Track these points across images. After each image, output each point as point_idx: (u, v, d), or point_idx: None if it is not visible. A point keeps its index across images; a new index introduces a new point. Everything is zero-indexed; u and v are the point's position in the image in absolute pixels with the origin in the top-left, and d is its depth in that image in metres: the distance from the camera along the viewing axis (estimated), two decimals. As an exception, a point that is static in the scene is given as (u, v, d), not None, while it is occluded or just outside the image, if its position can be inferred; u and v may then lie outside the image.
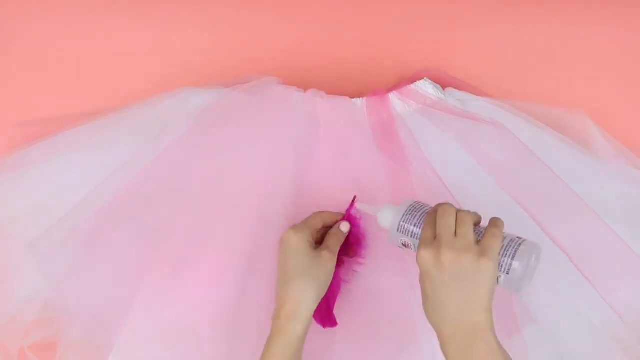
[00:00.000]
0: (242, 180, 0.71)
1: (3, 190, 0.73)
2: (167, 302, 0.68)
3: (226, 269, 0.68)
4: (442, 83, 0.77)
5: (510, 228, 0.70)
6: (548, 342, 0.67)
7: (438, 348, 0.58)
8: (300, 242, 0.61)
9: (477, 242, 0.56)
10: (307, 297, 0.59)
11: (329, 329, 0.65)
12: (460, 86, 0.78)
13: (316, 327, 0.66)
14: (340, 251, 0.67)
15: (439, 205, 0.58)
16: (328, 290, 0.65)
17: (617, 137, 0.77)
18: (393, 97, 0.76)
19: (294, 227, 0.63)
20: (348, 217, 0.68)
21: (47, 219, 0.70)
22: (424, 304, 0.57)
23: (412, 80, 0.76)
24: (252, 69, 0.79)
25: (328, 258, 0.62)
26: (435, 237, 0.56)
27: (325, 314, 0.66)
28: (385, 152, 0.72)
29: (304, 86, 0.76)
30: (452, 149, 0.73)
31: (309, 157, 0.73)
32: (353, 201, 0.68)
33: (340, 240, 0.66)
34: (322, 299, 0.64)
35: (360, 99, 0.76)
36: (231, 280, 0.68)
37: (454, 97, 0.76)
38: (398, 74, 0.80)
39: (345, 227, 0.67)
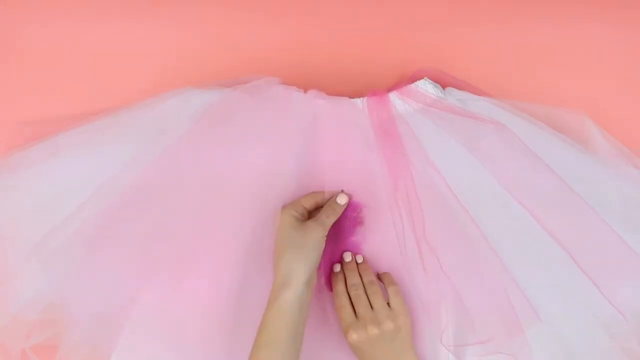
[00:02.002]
0: (243, 180, 0.71)
1: (3, 190, 0.73)
2: (169, 302, 0.68)
3: (227, 268, 0.68)
4: (442, 83, 0.77)
5: (511, 227, 0.71)
6: (550, 342, 0.68)
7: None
8: (286, 217, 0.65)
9: (388, 304, 0.66)
10: (295, 267, 0.62)
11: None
12: (460, 86, 0.77)
13: (316, 324, 0.67)
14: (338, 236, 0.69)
15: (344, 279, 0.68)
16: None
17: (617, 137, 0.76)
18: (393, 97, 0.76)
19: (284, 205, 0.67)
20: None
21: (48, 220, 0.70)
22: None
23: (412, 80, 0.76)
24: (252, 70, 0.79)
25: (313, 228, 0.65)
26: (355, 315, 0.65)
27: None
28: (386, 151, 0.72)
29: (304, 86, 0.76)
30: (453, 148, 0.73)
31: (309, 158, 0.73)
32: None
33: (334, 211, 0.68)
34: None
35: (361, 99, 0.76)
36: (232, 279, 0.68)
37: (454, 97, 0.76)
38: (398, 74, 0.80)
39: (342, 199, 0.68)
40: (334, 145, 0.73)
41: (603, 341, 0.68)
